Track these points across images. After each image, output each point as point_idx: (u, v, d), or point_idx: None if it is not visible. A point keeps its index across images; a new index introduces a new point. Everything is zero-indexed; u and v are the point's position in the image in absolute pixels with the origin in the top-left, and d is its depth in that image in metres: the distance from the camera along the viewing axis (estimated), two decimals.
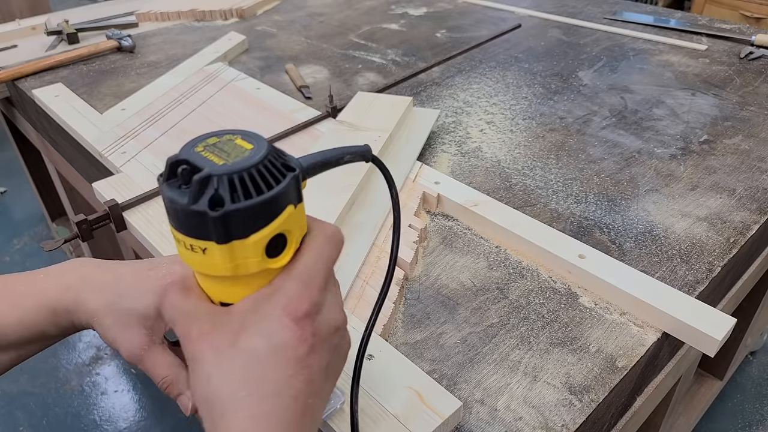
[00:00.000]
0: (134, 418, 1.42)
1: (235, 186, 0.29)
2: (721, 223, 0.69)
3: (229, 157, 0.30)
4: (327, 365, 0.33)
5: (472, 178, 0.78)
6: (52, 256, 1.89)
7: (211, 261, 0.31)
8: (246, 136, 0.32)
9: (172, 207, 0.30)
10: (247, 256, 0.31)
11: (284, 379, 0.30)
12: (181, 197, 0.29)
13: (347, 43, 1.28)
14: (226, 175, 0.29)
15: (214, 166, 0.29)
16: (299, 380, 0.31)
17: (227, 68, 1.09)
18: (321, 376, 0.32)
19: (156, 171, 0.78)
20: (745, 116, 0.93)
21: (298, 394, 0.31)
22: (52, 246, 0.65)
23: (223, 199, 0.29)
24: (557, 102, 0.99)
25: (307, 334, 0.31)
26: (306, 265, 0.33)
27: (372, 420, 0.45)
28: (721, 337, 0.52)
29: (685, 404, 1.23)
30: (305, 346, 0.31)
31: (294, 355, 0.31)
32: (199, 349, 0.31)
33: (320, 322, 0.32)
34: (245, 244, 0.30)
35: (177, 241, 0.31)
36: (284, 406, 0.30)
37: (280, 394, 0.30)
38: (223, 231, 0.29)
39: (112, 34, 1.24)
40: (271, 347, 0.30)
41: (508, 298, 0.59)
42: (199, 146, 0.31)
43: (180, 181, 0.30)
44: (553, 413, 0.48)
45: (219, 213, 0.29)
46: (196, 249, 0.31)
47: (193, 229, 0.30)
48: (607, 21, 1.36)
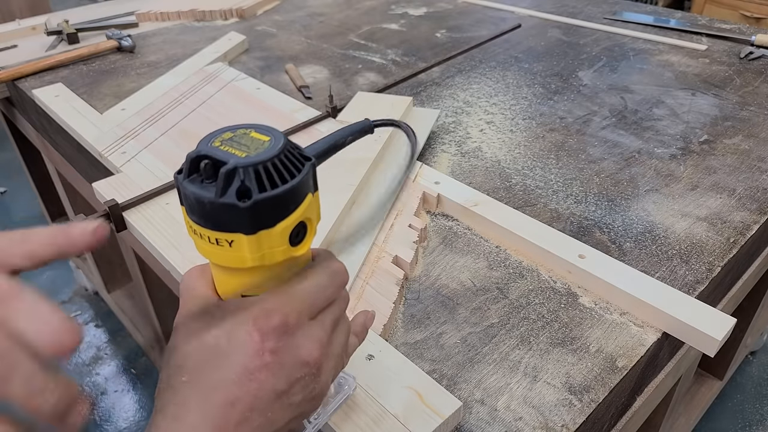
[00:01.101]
0: (134, 418, 1.42)
1: (261, 176, 0.30)
2: (721, 223, 0.69)
3: (249, 150, 0.31)
4: (282, 392, 0.32)
5: (472, 178, 0.78)
6: None
7: (237, 253, 0.31)
8: (260, 130, 0.33)
9: (197, 202, 0.30)
10: (273, 246, 0.32)
11: (226, 381, 0.30)
12: (207, 192, 0.30)
13: (347, 43, 1.28)
14: (251, 166, 0.30)
15: (238, 159, 0.30)
16: (242, 389, 0.31)
17: (227, 68, 1.09)
18: (270, 398, 0.31)
19: (156, 171, 0.78)
20: (745, 116, 0.93)
21: (236, 401, 0.30)
22: None
23: (250, 190, 0.30)
24: (557, 102, 0.99)
25: (266, 349, 0.31)
26: (296, 288, 0.33)
27: (372, 420, 0.46)
28: (721, 337, 0.52)
29: (685, 404, 1.23)
30: (258, 359, 0.31)
31: (244, 362, 0.31)
32: (180, 324, 0.33)
33: (287, 344, 0.32)
34: (272, 234, 0.31)
35: (199, 237, 0.32)
36: (215, 405, 0.30)
37: (215, 393, 0.30)
38: (251, 221, 0.30)
39: (112, 34, 1.24)
40: (228, 348, 0.31)
41: (508, 298, 0.59)
42: (216, 141, 0.32)
43: (203, 176, 0.31)
44: (553, 413, 0.48)
45: (248, 204, 0.29)
46: (222, 242, 0.31)
47: (220, 222, 0.30)
48: (607, 21, 1.36)
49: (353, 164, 0.74)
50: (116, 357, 1.58)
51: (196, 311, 0.33)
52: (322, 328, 0.34)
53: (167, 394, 0.31)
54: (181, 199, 0.32)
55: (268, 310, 0.32)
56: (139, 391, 1.48)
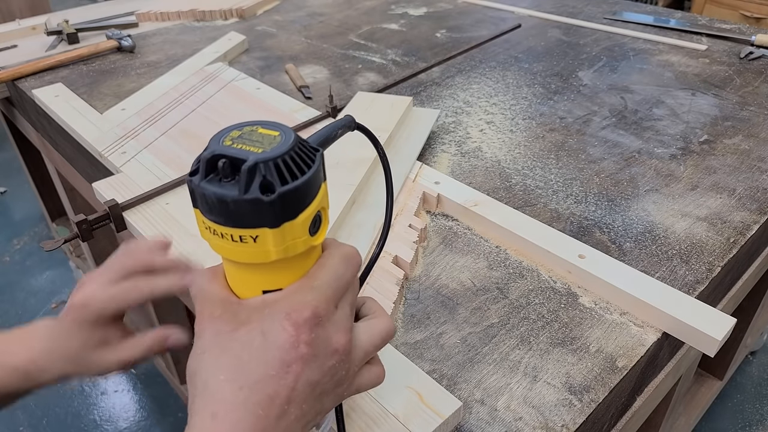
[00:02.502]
0: (134, 418, 1.42)
1: (281, 170, 0.30)
2: (721, 223, 0.69)
3: (263, 145, 0.31)
4: (316, 383, 0.33)
5: (472, 178, 0.78)
6: (51, 255, 1.89)
7: (262, 248, 0.31)
8: (266, 125, 0.33)
9: (219, 202, 0.30)
10: (296, 236, 0.32)
11: (265, 376, 0.31)
12: (230, 190, 0.30)
13: (347, 43, 1.28)
14: (271, 161, 0.30)
15: (257, 155, 0.30)
16: (280, 383, 0.31)
17: (227, 68, 1.09)
18: (306, 389, 0.32)
19: (156, 171, 0.78)
20: (745, 116, 0.93)
21: (275, 395, 0.31)
22: (52, 246, 0.65)
23: (273, 184, 0.30)
24: (557, 102, 0.99)
25: (301, 341, 0.32)
26: (319, 279, 0.34)
27: (372, 420, 0.46)
28: (721, 337, 0.52)
29: (685, 404, 1.23)
30: (295, 352, 0.32)
31: (281, 357, 0.31)
32: (204, 328, 0.33)
33: (319, 335, 0.33)
34: (294, 225, 0.31)
35: (219, 237, 0.32)
36: (258, 401, 0.31)
37: (256, 389, 0.31)
38: (276, 214, 0.31)
39: (112, 34, 1.24)
40: (264, 344, 0.31)
41: (508, 298, 0.59)
42: (227, 140, 0.32)
43: (220, 175, 0.31)
44: (553, 413, 0.48)
45: (273, 197, 0.30)
46: (246, 239, 0.31)
47: (245, 219, 0.30)
48: (607, 21, 1.36)
49: (353, 164, 0.74)
50: None
51: (219, 314, 0.33)
52: (345, 315, 0.35)
53: (203, 397, 0.31)
54: (196, 202, 0.32)
55: (299, 303, 0.33)
56: (139, 391, 1.48)
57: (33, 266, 1.88)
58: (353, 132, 0.41)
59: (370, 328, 0.37)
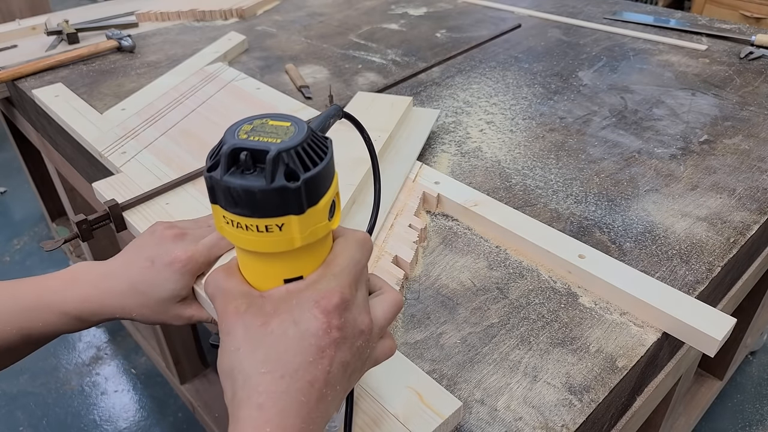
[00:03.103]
0: (134, 418, 1.42)
1: (303, 158, 0.32)
2: (721, 223, 0.69)
3: (280, 136, 0.32)
4: (347, 363, 0.34)
5: (472, 178, 0.78)
6: (51, 255, 1.89)
7: (287, 236, 0.32)
8: (275, 117, 0.34)
9: (246, 193, 0.31)
10: (317, 221, 0.33)
11: (304, 363, 0.33)
12: (255, 181, 0.31)
13: (347, 43, 1.28)
14: (292, 149, 0.31)
15: (278, 145, 0.31)
16: (318, 368, 0.33)
17: (227, 68, 1.09)
18: (339, 371, 0.34)
19: (156, 171, 0.78)
20: (745, 116, 0.93)
21: (314, 380, 0.33)
22: (52, 246, 0.65)
23: (297, 172, 0.31)
24: (557, 102, 0.99)
25: (332, 326, 0.33)
26: (339, 265, 0.36)
27: (372, 420, 0.46)
28: (721, 337, 0.52)
29: (685, 404, 1.23)
30: (329, 337, 0.33)
31: (317, 343, 0.33)
32: (233, 324, 0.34)
33: (347, 319, 0.34)
34: (317, 210, 0.33)
35: (243, 230, 0.32)
36: (299, 388, 0.32)
37: (297, 376, 0.32)
38: (301, 201, 0.32)
39: (112, 34, 1.24)
40: (298, 333, 0.33)
41: (508, 298, 0.59)
42: (241, 134, 0.33)
43: (242, 167, 0.31)
44: (553, 413, 0.48)
45: (298, 184, 0.31)
46: (271, 228, 0.32)
47: (271, 208, 0.31)
48: (607, 21, 1.36)
49: (353, 164, 0.74)
50: (116, 357, 1.58)
51: (245, 309, 0.34)
52: (364, 297, 0.37)
53: (246, 390, 0.32)
54: (215, 198, 0.32)
55: (325, 291, 0.34)
56: (139, 391, 1.48)
57: (33, 266, 1.88)
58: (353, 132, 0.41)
59: (382, 303, 0.39)
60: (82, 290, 0.49)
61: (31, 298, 0.48)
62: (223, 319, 0.35)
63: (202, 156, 0.81)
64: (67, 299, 0.49)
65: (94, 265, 0.52)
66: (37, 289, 0.49)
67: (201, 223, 0.61)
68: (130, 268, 0.51)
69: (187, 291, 0.54)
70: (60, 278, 0.50)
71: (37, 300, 0.48)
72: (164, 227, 0.56)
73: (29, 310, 0.48)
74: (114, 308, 0.50)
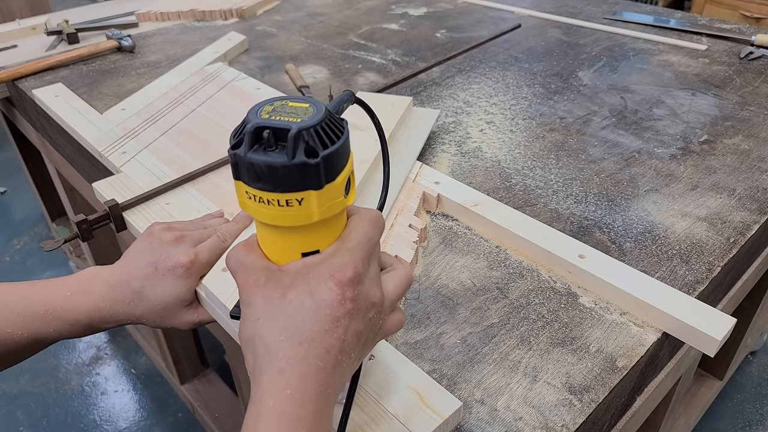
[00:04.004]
0: (134, 418, 1.42)
1: (321, 136, 0.34)
2: (721, 223, 0.69)
3: (300, 116, 0.34)
4: (360, 333, 0.36)
5: (472, 178, 0.78)
6: (51, 255, 1.89)
7: (306, 210, 0.35)
8: (294, 99, 0.36)
9: (269, 169, 0.33)
10: (334, 197, 0.35)
11: (320, 332, 0.35)
12: (277, 157, 0.33)
13: (347, 43, 1.28)
14: (312, 128, 0.33)
15: (297, 124, 0.33)
16: (333, 336, 0.35)
17: (227, 68, 1.09)
18: (353, 339, 0.36)
19: (156, 171, 0.78)
20: (745, 116, 0.93)
21: (330, 347, 0.35)
22: (52, 246, 0.65)
23: (316, 149, 0.33)
24: (557, 102, 0.99)
25: (346, 298, 0.35)
26: (353, 241, 0.37)
27: (372, 420, 0.46)
28: (721, 337, 0.52)
29: (685, 404, 1.23)
30: (343, 308, 0.35)
31: (332, 313, 0.35)
32: (253, 296, 0.36)
33: (360, 292, 0.36)
34: (334, 186, 0.35)
35: (265, 204, 0.34)
36: (316, 355, 0.34)
37: (314, 344, 0.34)
38: (320, 176, 0.34)
39: (112, 34, 1.24)
40: (314, 304, 0.35)
41: (508, 298, 0.59)
42: (263, 114, 0.34)
43: (264, 145, 0.33)
44: (553, 413, 0.48)
45: (318, 160, 0.33)
46: (292, 203, 0.34)
47: (292, 183, 0.33)
48: (607, 21, 1.36)
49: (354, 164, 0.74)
50: (116, 357, 1.58)
51: (264, 281, 0.36)
52: (376, 271, 0.39)
53: (267, 356, 0.35)
54: (239, 174, 0.34)
55: (340, 265, 0.36)
56: (139, 391, 1.48)
57: (33, 266, 1.88)
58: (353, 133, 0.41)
59: (393, 279, 0.40)
60: (93, 301, 0.51)
61: (42, 304, 0.50)
62: (244, 292, 0.37)
63: (202, 156, 0.81)
64: (78, 309, 0.50)
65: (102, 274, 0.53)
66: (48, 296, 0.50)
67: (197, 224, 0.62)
68: (133, 275, 0.53)
69: (192, 294, 0.55)
70: (71, 287, 0.51)
71: (48, 307, 0.49)
72: (161, 229, 0.56)
73: (40, 316, 0.49)
74: (124, 315, 0.52)
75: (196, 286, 0.55)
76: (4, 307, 0.49)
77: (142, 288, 0.52)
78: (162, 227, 0.57)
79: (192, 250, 0.55)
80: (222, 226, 0.61)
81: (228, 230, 0.60)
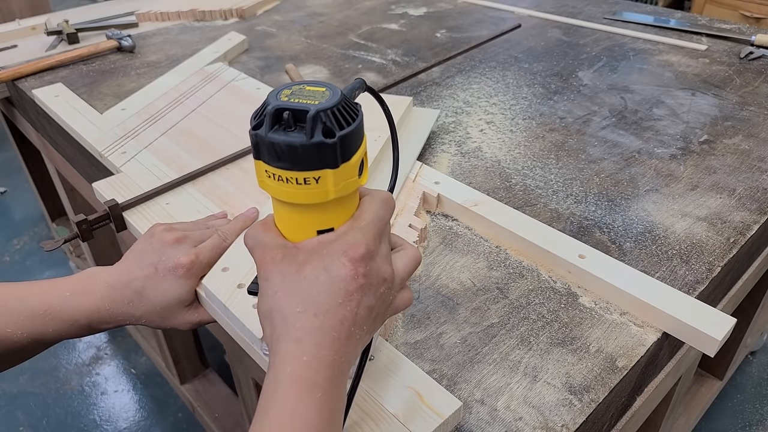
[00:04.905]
0: (134, 418, 1.42)
1: (338, 117, 0.35)
2: (721, 223, 0.69)
3: (317, 99, 0.36)
4: (372, 307, 0.38)
5: (472, 178, 0.78)
6: (51, 255, 1.89)
7: (322, 188, 0.36)
8: (311, 83, 0.38)
9: (288, 148, 0.35)
10: (349, 176, 0.37)
11: (335, 305, 0.36)
12: (296, 137, 0.35)
13: (347, 43, 1.28)
14: (329, 110, 0.35)
15: (315, 106, 0.35)
16: (346, 309, 0.37)
17: (227, 68, 1.09)
18: (365, 313, 0.38)
19: (156, 171, 0.78)
20: (745, 116, 0.93)
21: (343, 319, 0.37)
22: (52, 246, 0.65)
23: (333, 130, 0.35)
24: (557, 102, 0.99)
25: (359, 273, 0.37)
26: (365, 220, 0.39)
27: (372, 420, 0.46)
28: (721, 337, 0.52)
29: (685, 404, 1.23)
30: (356, 283, 0.37)
31: (345, 287, 0.37)
32: (271, 271, 0.38)
33: (372, 268, 0.38)
34: (349, 165, 0.37)
35: (284, 182, 0.36)
36: (331, 326, 0.36)
37: (329, 315, 0.36)
38: (337, 156, 0.35)
39: (112, 34, 1.24)
40: (329, 278, 0.37)
41: (508, 298, 0.59)
42: (282, 97, 0.36)
43: (284, 126, 0.35)
44: (553, 413, 0.48)
45: (334, 140, 0.35)
46: (309, 181, 0.36)
47: (310, 162, 0.35)
48: (607, 21, 1.36)
49: None
50: (116, 357, 1.58)
51: (281, 257, 0.38)
52: (387, 249, 0.40)
53: (284, 327, 0.37)
54: (260, 153, 0.36)
55: (352, 242, 0.38)
56: (139, 391, 1.48)
57: (33, 266, 1.88)
58: None
59: (403, 258, 0.42)
60: (92, 302, 0.51)
61: (41, 305, 0.50)
62: (262, 268, 0.39)
63: (202, 156, 0.81)
64: (78, 309, 0.51)
65: (101, 275, 0.53)
66: (47, 296, 0.51)
67: (200, 224, 0.62)
68: (133, 275, 0.53)
69: (192, 295, 0.55)
70: (70, 287, 0.52)
71: (47, 307, 0.50)
72: (162, 230, 0.56)
73: (39, 316, 0.49)
74: (123, 316, 0.52)
75: (196, 287, 0.55)
76: (3, 307, 0.49)
77: (142, 288, 0.53)
78: (163, 228, 0.57)
79: (193, 251, 0.55)
80: (223, 226, 0.61)
81: (228, 230, 0.60)
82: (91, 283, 0.52)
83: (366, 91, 0.43)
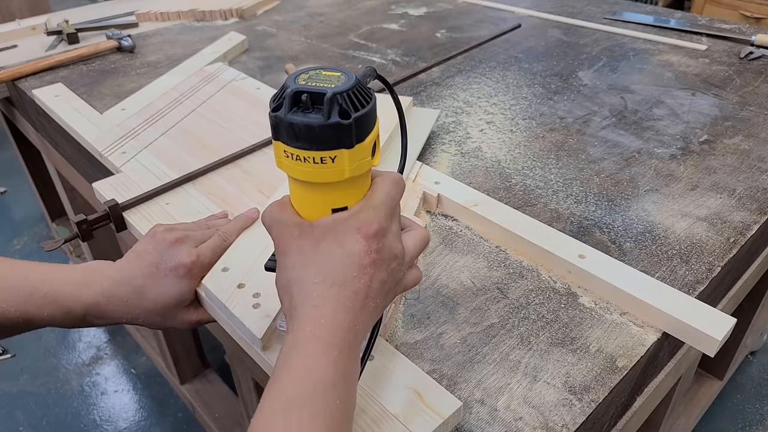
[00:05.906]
0: (134, 418, 1.42)
1: (353, 100, 0.38)
2: (721, 223, 0.69)
3: (333, 82, 0.38)
4: (384, 281, 0.40)
5: (472, 178, 0.78)
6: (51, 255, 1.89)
7: (338, 168, 0.38)
8: (326, 69, 0.40)
9: (306, 128, 0.37)
10: (363, 157, 0.39)
11: (349, 277, 0.39)
12: (314, 118, 0.37)
13: (347, 43, 1.28)
14: (345, 92, 0.37)
15: (332, 89, 0.37)
16: (360, 281, 0.39)
17: (227, 68, 1.09)
18: (378, 286, 0.40)
19: (156, 171, 0.78)
20: (745, 116, 0.93)
21: (358, 291, 0.39)
22: (52, 246, 0.65)
23: (349, 112, 0.37)
24: (557, 102, 0.99)
25: (372, 249, 0.39)
26: (377, 199, 0.41)
27: (372, 420, 0.46)
28: (721, 337, 0.52)
29: (685, 404, 1.23)
30: (369, 258, 0.39)
31: (359, 262, 0.39)
32: (288, 247, 0.41)
33: (384, 244, 0.40)
34: (363, 146, 0.39)
35: (301, 162, 0.38)
36: (346, 296, 0.39)
37: (344, 286, 0.39)
38: (352, 136, 0.37)
39: (112, 34, 1.24)
40: (343, 253, 0.39)
41: (508, 298, 0.59)
42: (300, 81, 0.38)
43: (302, 107, 0.37)
44: (553, 413, 0.48)
45: (350, 121, 0.37)
46: (326, 160, 0.38)
47: (327, 142, 0.37)
48: (607, 21, 1.36)
49: None
50: (116, 357, 1.58)
51: (298, 234, 0.40)
52: (397, 228, 0.43)
53: (302, 295, 0.39)
54: (279, 134, 0.38)
55: (366, 220, 0.40)
56: (139, 391, 1.48)
57: None
58: None
59: (413, 237, 0.44)
60: (92, 294, 0.52)
61: (42, 287, 0.50)
62: (280, 244, 0.41)
63: (202, 156, 0.81)
64: (76, 300, 0.51)
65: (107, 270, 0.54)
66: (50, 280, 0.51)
67: (200, 224, 0.62)
68: (134, 274, 0.53)
69: (192, 294, 0.56)
70: (74, 276, 0.52)
71: (48, 290, 0.50)
72: (164, 230, 0.56)
73: (39, 297, 0.50)
74: (119, 314, 0.53)
75: (197, 286, 0.55)
76: (4, 281, 0.50)
77: (143, 287, 0.53)
78: (164, 229, 0.57)
79: (194, 251, 0.55)
80: (223, 226, 0.61)
81: (229, 229, 0.60)
82: (94, 276, 0.53)
83: (376, 78, 0.45)
